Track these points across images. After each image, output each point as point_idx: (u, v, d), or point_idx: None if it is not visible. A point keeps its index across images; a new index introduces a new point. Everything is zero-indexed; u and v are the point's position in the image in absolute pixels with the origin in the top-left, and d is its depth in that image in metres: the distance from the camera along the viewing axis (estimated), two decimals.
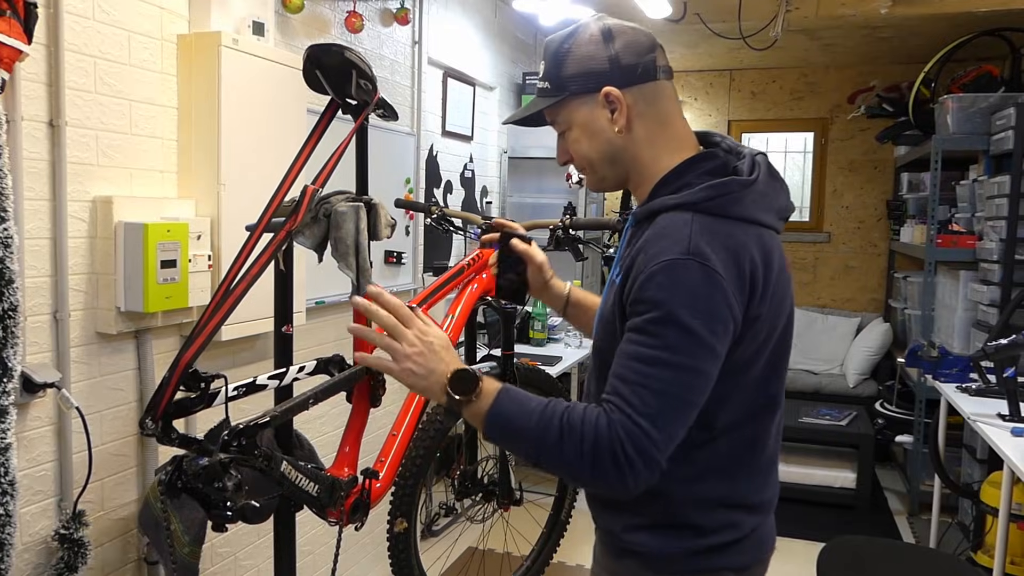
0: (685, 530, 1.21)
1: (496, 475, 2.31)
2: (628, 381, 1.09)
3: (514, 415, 1.12)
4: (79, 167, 1.82)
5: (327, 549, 2.87)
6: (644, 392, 1.07)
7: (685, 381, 1.08)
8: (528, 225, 2.21)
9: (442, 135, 3.64)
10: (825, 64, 5.52)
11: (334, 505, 1.49)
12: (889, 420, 4.56)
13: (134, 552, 2.03)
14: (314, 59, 1.48)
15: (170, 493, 1.17)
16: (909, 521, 4.08)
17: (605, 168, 1.26)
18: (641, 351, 1.09)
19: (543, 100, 1.25)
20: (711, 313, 1.08)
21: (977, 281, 3.90)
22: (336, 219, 1.55)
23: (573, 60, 1.21)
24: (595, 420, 1.08)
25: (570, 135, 1.26)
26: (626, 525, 1.24)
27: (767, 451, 1.26)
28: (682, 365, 1.08)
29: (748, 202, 1.16)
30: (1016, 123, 3.55)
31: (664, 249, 1.11)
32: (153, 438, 2.01)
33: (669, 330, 1.07)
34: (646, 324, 1.09)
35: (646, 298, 1.10)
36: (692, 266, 1.08)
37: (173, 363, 1.26)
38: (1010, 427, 2.63)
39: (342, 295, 2.79)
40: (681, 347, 1.07)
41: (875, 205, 5.60)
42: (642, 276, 1.11)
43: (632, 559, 1.25)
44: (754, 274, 1.12)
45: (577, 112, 1.23)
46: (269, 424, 1.29)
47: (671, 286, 1.08)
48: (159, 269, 1.86)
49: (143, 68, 1.96)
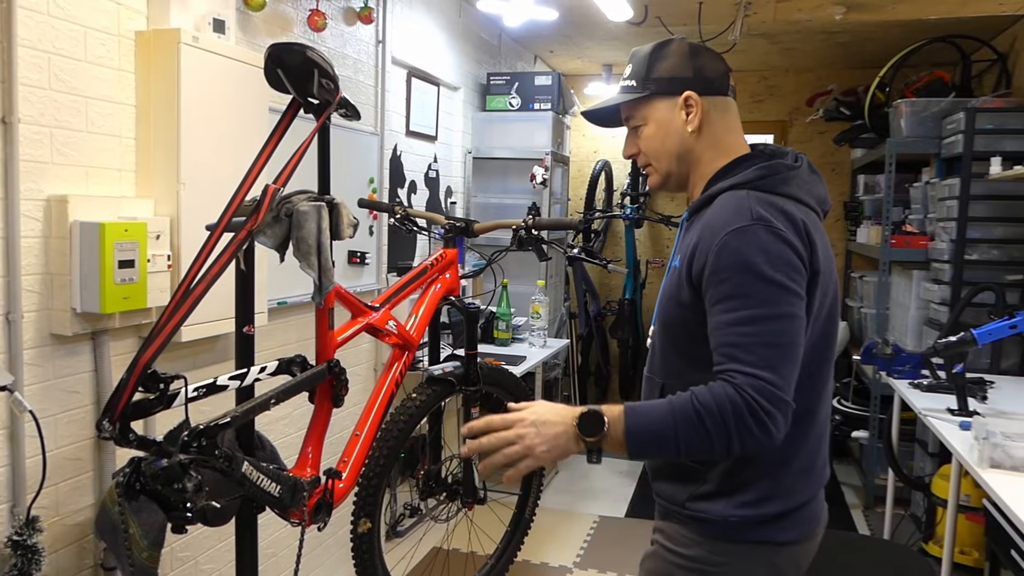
0: (748, 495, 1.29)
1: (460, 475, 2.32)
2: (737, 345, 1.17)
3: (651, 427, 1.18)
4: (33, 165, 1.78)
5: (290, 551, 2.85)
6: (756, 348, 1.16)
7: (786, 328, 1.18)
8: (491, 226, 2.23)
9: (406, 135, 3.63)
10: (784, 68, 5.62)
11: (296, 506, 1.48)
12: (845, 416, 4.66)
13: (90, 558, 1.99)
14: (275, 58, 1.47)
15: (128, 495, 1.16)
16: (865, 514, 4.18)
17: (672, 164, 1.39)
18: (740, 315, 1.18)
19: (628, 95, 1.39)
20: (787, 263, 1.19)
21: (929, 280, 4.01)
22: (298, 219, 1.55)
23: (663, 65, 1.37)
24: (725, 393, 1.15)
25: (645, 131, 1.40)
26: (692, 494, 1.33)
27: (817, 426, 1.35)
28: (779, 315, 1.17)
29: (794, 184, 1.30)
30: (966, 127, 3.66)
31: (728, 220, 1.22)
32: (110, 441, 1.99)
33: (757, 287, 1.17)
34: (733, 289, 1.19)
35: (725, 265, 1.20)
36: (758, 229, 1.20)
37: (131, 364, 1.25)
38: (958, 421, 2.71)
39: (304, 295, 2.77)
40: (772, 299, 1.17)
41: (833, 206, 5.70)
42: (714, 248, 1.21)
43: (697, 525, 1.33)
44: (810, 236, 1.24)
45: (657, 110, 1.37)
46: (230, 425, 1.28)
47: (745, 249, 1.19)
48: (116, 269, 1.83)
49: (100, 65, 1.93)
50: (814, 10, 3.12)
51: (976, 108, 3.70)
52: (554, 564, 3.50)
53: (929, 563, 2.19)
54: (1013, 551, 2.05)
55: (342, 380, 1.65)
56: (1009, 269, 3.67)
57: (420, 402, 2.09)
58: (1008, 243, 3.69)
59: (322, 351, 1.65)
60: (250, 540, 1.79)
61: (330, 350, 1.64)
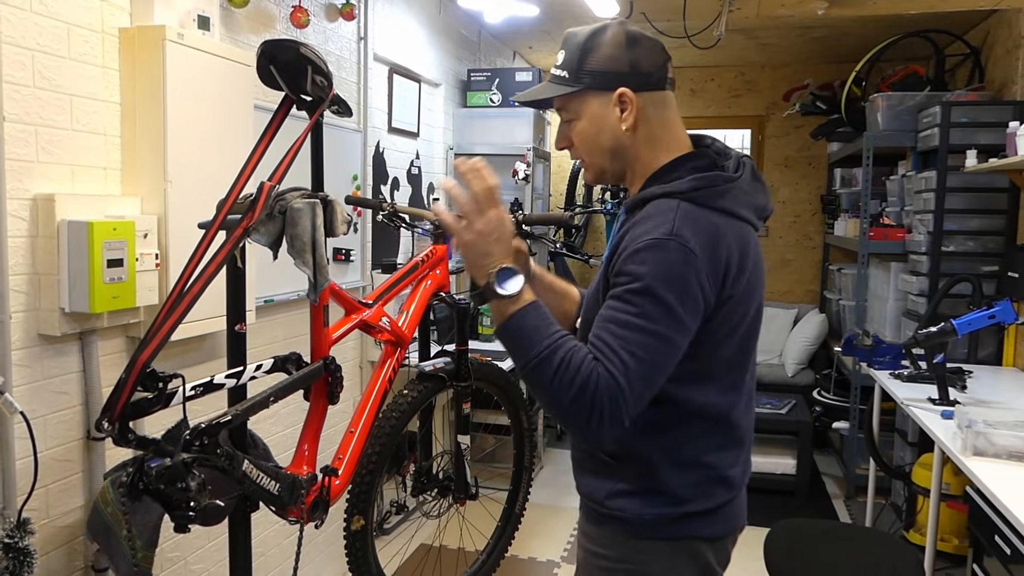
0: (664, 496, 1.30)
1: (451, 471, 2.32)
2: (605, 342, 1.17)
3: (532, 328, 1.18)
4: (18, 164, 1.75)
5: (279, 550, 2.84)
6: (622, 353, 1.16)
7: (657, 348, 1.17)
8: None
9: (388, 131, 3.62)
10: (761, 63, 5.67)
11: (295, 504, 1.48)
12: (826, 407, 4.73)
13: (80, 560, 1.97)
14: (268, 54, 1.46)
15: (132, 495, 1.15)
16: (846, 504, 4.24)
17: (606, 161, 1.35)
18: (619, 316, 1.18)
19: (559, 87, 1.32)
20: (684, 289, 1.18)
21: (907, 272, 4.08)
22: (292, 216, 1.54)
23: (596, 57, 1.29)
24: (592, 366, 1.16)
25: (577, 125, 1.34)
26: (609, 492, 1.33)
27: (739, 429, 1.35)
28: (655, 332, 1.17)
29: (730, 196, 1.27)
30: (941, 121, 3.72)
31: (650, 229, 1.21)
32: (100, 442, 1.97)
33: (646, 300, 1.17)
34: (625, 293, 1.19)
35: (628, 271, 1.20)
36: (672, 246, 1.19)
37: (130, 363, 1.24)
38: (940, 410, 2.76)
39: (291, 293, 2.76)
40: (655, 316, 1.17)
41: (810, 200, 5.79)
42: (627, 251, 1.21)
43: (614, 524, 1.33)
44: (729, 260, 1.22)
45: (590, 105, 1.31)
46: (231, 423, 1.28)
47: (652, 262, 1.18)
48: (105, 268, 1.81)
49: (84, 62, 1.90)
50: (797, 5, 3.15)
51: (951, 102, 3.76)
52: (541, 559, 3.52)
53: (914, 551, 2.23)
54: (997, 537, 2.10)
55: (338, 377, 1.65)
56: (984, 260, 3.74)
57: (412, 398, 2.08)
58: (983, 234, 3.76)
59: (317, 348, 1.65)
60: (244, 539, 1.78)
61: (325, 347, 1.64)
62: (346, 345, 3.19)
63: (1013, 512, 1.91)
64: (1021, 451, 2.25)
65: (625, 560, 1.33)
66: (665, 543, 1.32)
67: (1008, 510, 1.93)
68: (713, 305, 1.22)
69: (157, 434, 1.31)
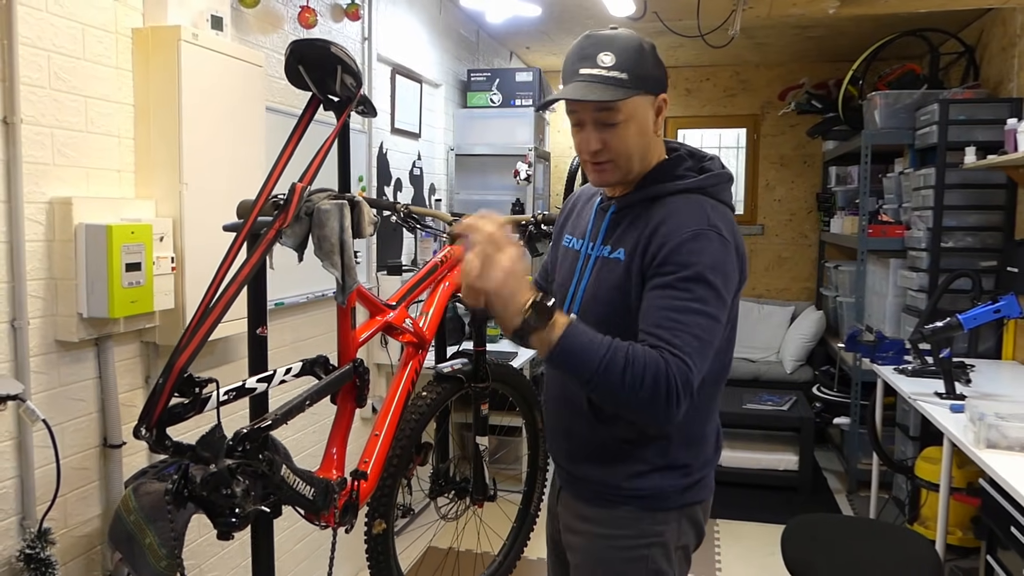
0: (679, 469, 1.44)
1: (470, 473, 2.31)
2: (669, 328, 1.25)
3: (585, 344, 1.22)
4: (35, 167, 1.73)
5: (290, 555, 2.81)
6: (685, 336, 1.24)
7: (711, 327, 1.28)
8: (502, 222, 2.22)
9: (391, 132, 3.61)
10: (756, 62, 5.69)
11: (327, 508, 1.47)
12: (826, 403, 4.75)
13: (99, 570, 1.94)
14: (297, 54, 1.45)
15: (177, 502, 1.13)
16: (848, 499, 4.26)
17: (634, 163, 1.39)
18: (676, 303, 1.26)
19: (619, 89, 1.31)
20: (727, 274, 1.30)
21: (906, 268, 4.11)
22: (319, 217, 1.52)
23: (651, 62, 1.35)
24: (656, 356, 1.22)
25: (625, 127, 1.35)
26: (628, 474, 1.43)
27: (718, 408, 1.52)
28: (709, 314, 1.27)
29: (727, 192, 1.43)
30: (939, 118, 3.75)
31: (687, 222, 1.31)
32: (117, 449, 1.94)
33: (698, 286, 1.27)
34: (677, 281, 1.27)
35: (676, 261, 1.28)
36: (713, 236, 1.30)
37: (166, 368, 1.22)
38: (948, 404, 2.78)
39: (300, 296, 2.73)
40: (708, 299, 1.27)
41: (805, 198, 5.82)
42: (670, 244, 1.30)
43: (632, 504, 1.44)
44: (740, 245, 1.37)
45: (641, 108, 1.35)
46: (272, 427, 1.26)
47: (699, 251, 1.28)
48: (124, 273, 1.79)
49: (98, 63, 1.88)
50: (808, 4, 3.17)
51: (949, 100, 3.79)
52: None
53: (928, 543, 2.24)
54: (1013, 528, 2.11)
55: (365, 380, 1.64)
56: (983, 256, 3.78)
57: (430, 400, 2.07)
58: (982, 230, 3.80)
59: (344, 351, 1.63)
60: (266, 546, 1.76)
61: (353, 350, 1.63)
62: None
63: None
64: None
65: (643, 535, 1.44)
66: (676, 511, 1.45)
67: None
68: (736, 285, 1.35)
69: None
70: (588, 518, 1.50)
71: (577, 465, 1.51)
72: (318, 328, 2.90)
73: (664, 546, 1.45)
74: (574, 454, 1.51)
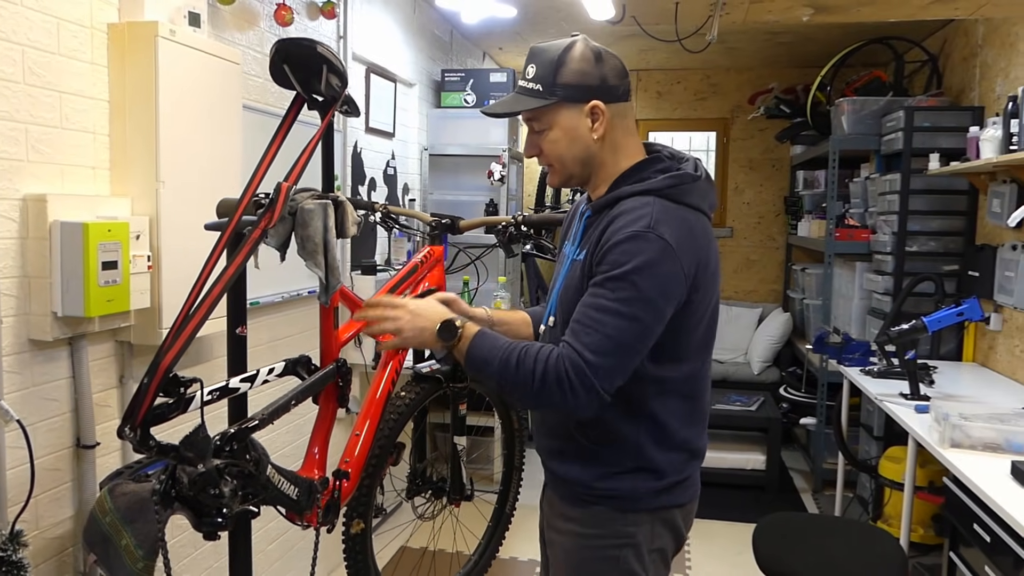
0: (650, 472, 1.46)
1: (447, 473, 2.32)
2: (582, 324, 1.31)
3: (487, 348, 1.36)
4: (8, 163, 1.69)
5: (263, 555, 2.79)
6: (593, 333, 1.30)
7: (631, 329, 1.30)
8: (477, 223, 2.23)
9: (366, 131, 3.59)
10: (727, 66, 5.78)
11: (311, 508, 1.46)
12: (793, 404, 4.84)
13: (70, 572, 1.91)
14: (283, 53, 1.44)
15: (164, 503, 1.12)
16: (814, 497, 4.35)
17: (576, 168, 1.46)
18: (598, 301, 1.31)
19: (533, 99, 1.41)
20: (662, 278, 1.30)
21: (871, 272, 4.20)
22: (303, 217, 1.52)
23: (569, 71, 1.39)
24: (547, 353, 1.32)
25: (549, 135, 1.44)
26: (601, 474, 1.46)
27: (704, 404, 1.52)
28: (631, 316, 1.29)
29: (696, 193, 1.41)
30: (905, 125, 3.84)
31: (629, 223, 1.33)
32: (90, 450, 1.91)
33: (624, 286, 1.29)
34: (605, 280, 1.31)
35: (609, 260, 1.32)
36: (651, 237, 1.31)
37: (151, 367, 1.21)
38: (913, 405, 2.85)
39: (275, 296, 2.72)
40: (632, 301, 1.29)
41: (773, 201, 5.92)
42: (608, 244, 1.33)
43: (604, 504, 1.47)
44: (698, 250, 1.36)
45: (563, 117, 1.41)
46: (259, 427, 1.26)
47: (632, 252, 1.30)
48: (100, 271, 1.76)
49: (73, 58, 1.85)
50: (784, 12, 3.24)
51: (914, 107, 3.89)
52: (523, 559, 3.53)
53: (894, 540, 2.31)
54: (976, 525, 2.18)
55: (348, 380, 1.64)
56: (946, 260, 3.88)
57: (409, 400, 2.07)
58: (944, 235, 3.90)
59: (327, 351, 1.63)
60: (244, 546, 1.75)
61: (335, 350, 1.62)
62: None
63: (996, 500, 1.99)
64: (996, 442, 2.35)
65: (616, 535, 1.47)
66: (648, 514, 1.47)
67: (991, 499, 2.01)
68: (687, 291, 1.35)
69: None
70: (567, 517, 1.53)
71: (559, 464, 1.54)
72: (294, 327, 2.88)
73: (636, 547, 1.47)
74: (556, 453, 1.55)
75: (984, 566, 2.15)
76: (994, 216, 3.39)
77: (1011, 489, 2.06)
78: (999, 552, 2.05)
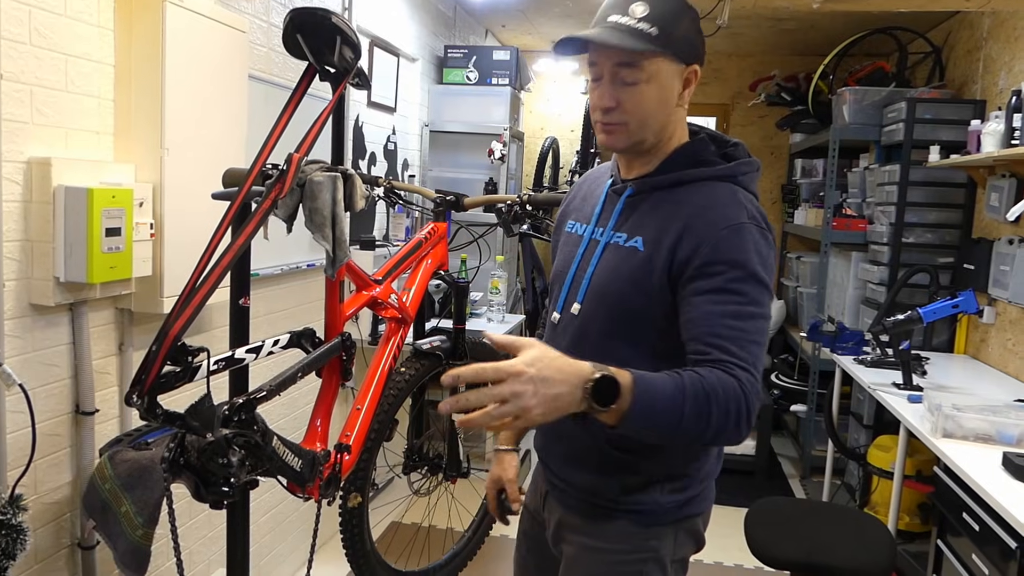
0: (679, 481, 1.34)
1: (443, 449, 2.33)
2: (730, 339, 1.15)
3: (660, 402, 1.07)
4: (13, 125, 1.67)
5: (255, 527, 2.80)
6: (749, 345, 1.15)
7: (764, 329, 1.20)
8: (482, 200, 2.23)
9: (368, 106, 3.57)
10: (729, 52, 5.75)
11: (313, 480, 1.47)
12: (784, 391, 4.88)
13: (67, 537, 1.92)
14: (297, 22, 1.43)
15: (173, 471, 1.12)
16: (802, 483, 4.39)
17: (649, 131, 1.28)
18: (731, 309, 1.17)
19: (643, 42, 1.20)
20: (771, 266, 1.23)
21: (867, 262, 4.22)
22: (311, 189, 1.51)
23: (687, 26, 1.25)
24: (731, 383, 1.10)
25: (641, 88, 1.24)
26: (625, 487, 1.34)
27: None
28: (764, 315, 1.20)
29: (756, 182, 1.35)
30: (907, 116, 3.84)
31: (725, 215, 1.22)
32: (90, 416, 1.91)
33: (752, 286, 1.18)
34: (730, 283, 1.18)
35: (722, 259, 1.18)
36: (754, 229, 1.22)
37: (159, 335, 1.20)
38: (906, 394, 2.88)
39: (274, 268, 2.70)
40: (762, 300, 1.19)
41: (771, 189, 5.92)
42: (710, 241, 1.20)
43: (628, 518, 1.34)
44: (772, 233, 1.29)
45: (665, 72, 1.24)
46: (267, 398, 1.26)
47: (745, 247, 1.19)
48: (104, 238, 1.75)
49: (79, 20, 1.82)
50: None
51: (916, 98, 3.89)
52: (512, 537, 3.55)
53: (883, 526, 2.34)
54: (965, 514, 2.21)
55: (352, 354, 1.63)
56: (942, 252, 3.90)
57: (408, 376, 2.08)
58: (941, 227, 3.92)
59: (332, 325, 1.63)
60: (243, 517, 1.76)
61: (340, 323, 1.62)
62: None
63: (987, 490, 2.02)
64: (987, 433, 2.38)
65: (638, 550, 1.35)
66: (671, 526, 1.36)
67: (982, 488, 2.04)
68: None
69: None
70: (577, 528, 1.40)
71: (568, 470, 1.40)
72: (292, 300, 2.87)
73: (660, 561, 1.36)
74: (566, 458, 1.40)
75: (972, 555, 2.18)
76: (992, 210, 3.40)
77: (1002, 479, 2.08)
78: (987, 541, 2.09)
